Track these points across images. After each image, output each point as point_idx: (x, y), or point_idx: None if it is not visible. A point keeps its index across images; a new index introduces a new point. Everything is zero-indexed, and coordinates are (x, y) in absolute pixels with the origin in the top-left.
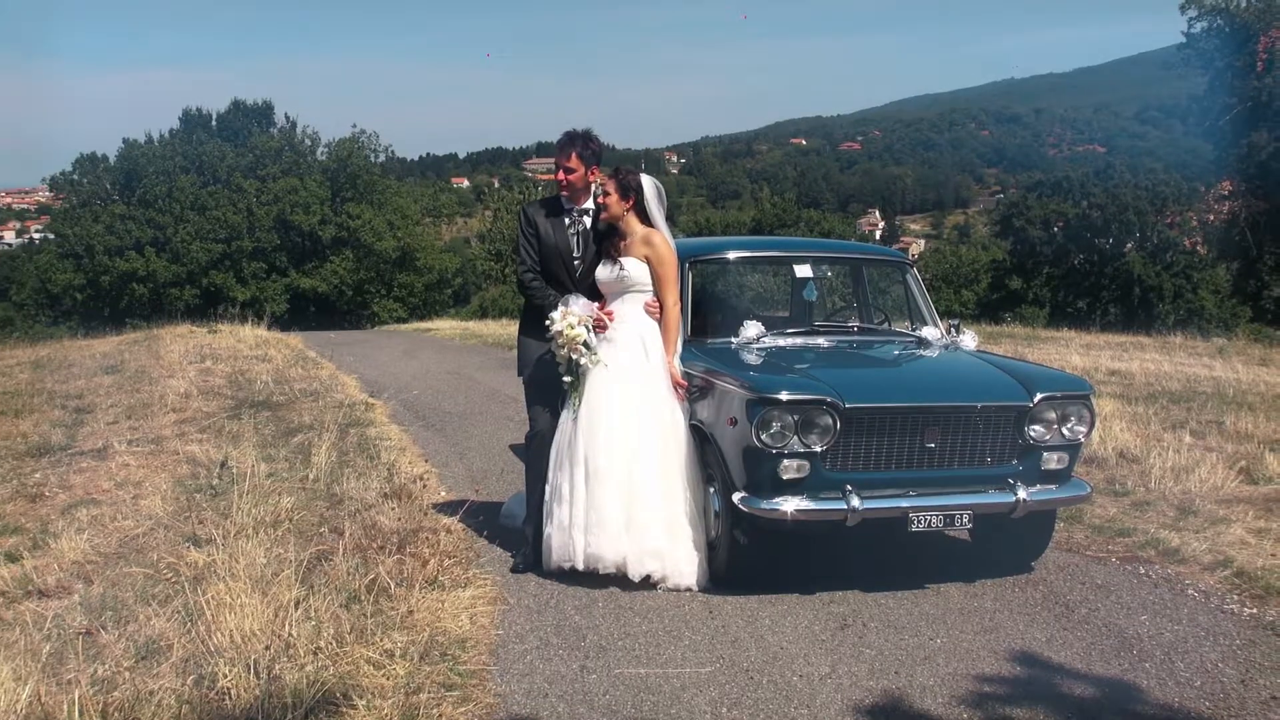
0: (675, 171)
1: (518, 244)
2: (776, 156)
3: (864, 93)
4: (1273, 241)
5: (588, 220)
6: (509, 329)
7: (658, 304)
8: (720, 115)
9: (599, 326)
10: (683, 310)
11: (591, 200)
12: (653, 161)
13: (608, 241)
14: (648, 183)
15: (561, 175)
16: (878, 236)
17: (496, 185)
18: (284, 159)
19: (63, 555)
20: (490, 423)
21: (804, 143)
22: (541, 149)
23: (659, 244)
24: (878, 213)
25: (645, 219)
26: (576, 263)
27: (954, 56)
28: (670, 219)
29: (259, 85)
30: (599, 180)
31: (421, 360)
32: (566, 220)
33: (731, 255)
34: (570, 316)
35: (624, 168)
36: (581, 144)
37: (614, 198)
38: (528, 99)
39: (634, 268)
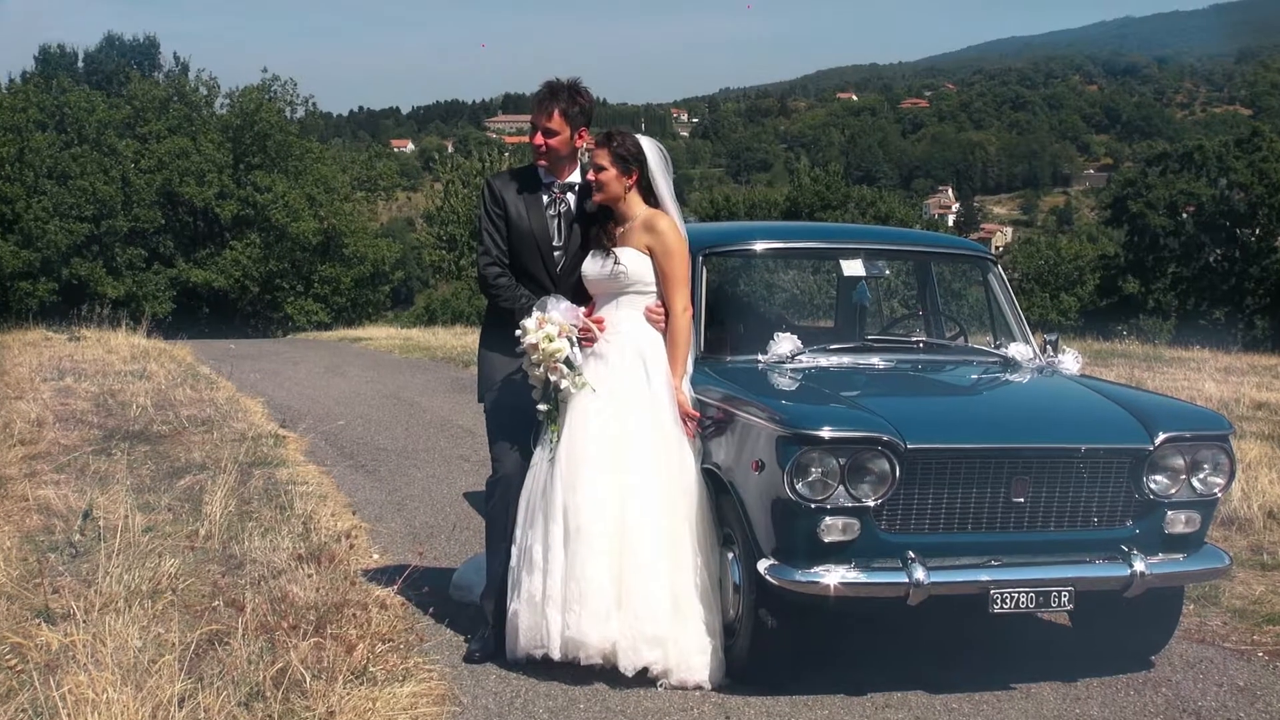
0: (685, 134)
1: (479, 228)
2: (818, 116)
3: (933, 35)
4: None
5: (572, 198)
6: (466, 340)
7: (662, 309)
8: (745, 61)
9: (586, 338)
10: (695, 318)
11: (579, 172)
12: (655, 121)
13: (598, 226)
14: (650, 148)
15: (540, 139)
16: (950, 223)
17: (450, 150)
18: (172, 113)
19: None
20: (439, 463)
21: (854, 98)
22: (510, 103)
23: (666, 231)
24: (950, 191)
25: (650, 197)
26: (557, 254)
27: None
28: (679, 197)
29: (140, 15)
30: (587, 146)
31: (350, 380)
32: (545, 198)
33: (759, 246)
34: (548, 325)
35: (617, 131)
36: (566, 98)
37: (611, 174)
38: (492, 36)
39: (633, 261)
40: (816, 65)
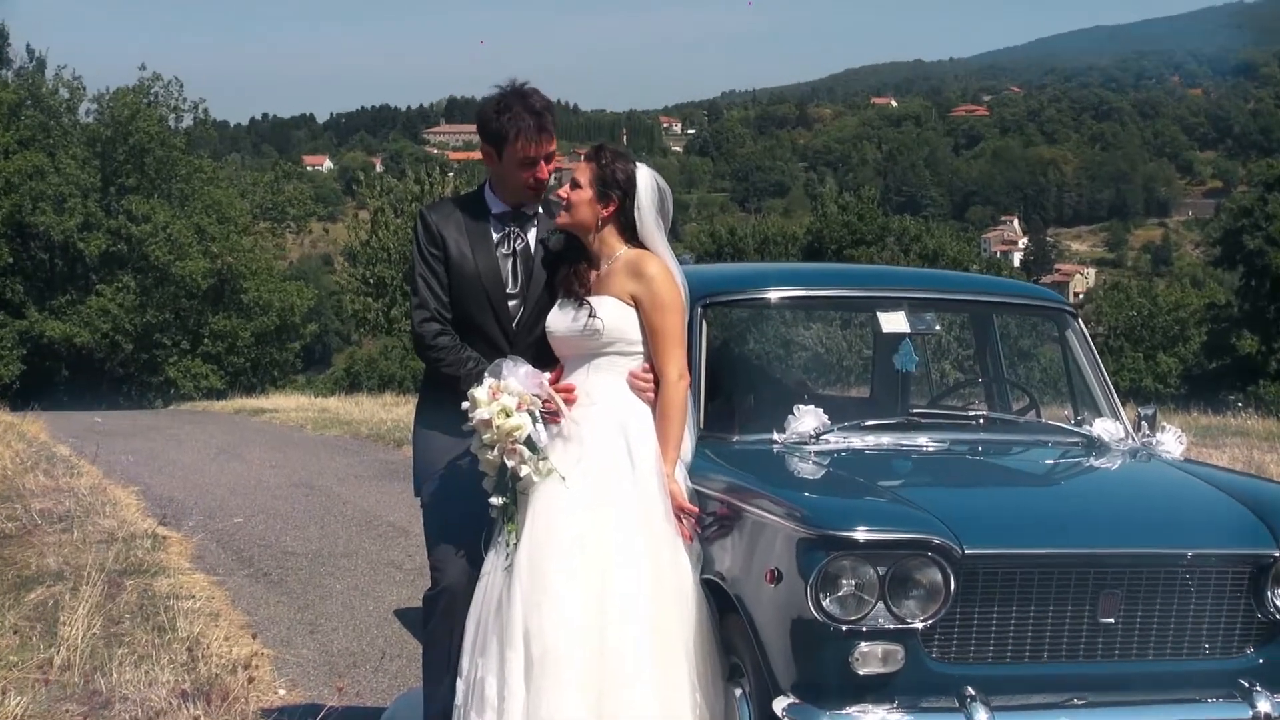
0: (679, 149)
1: (413, 271)
2: (847, 126)
3: (993, 25)
4: None
5: (533, 234)
6: (399, 413)
7: (651, 375)
8: (754, 57)
9: (552, 413)
10: (693, 386)
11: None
12: (640, 133)
13: (568, 268)
14: (645, 181)
15: (545, 172)
16: (1017, 263)
17: (379, 169)
18: (24, 121)
19: None
20: (364, 572)
21: (893, 104)
22: (455, 109)
23: (656, 276)
24: (1016, 223)
25: (632, 236)
26: (514, 304)
27: None
28: (673, 233)
29: None
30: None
31: (249, 464)
32: (496, 233)
33: (774, 295)
34: (504, 396)
35: (612, 150)
36: (551, 116)
37: (585, 195)
38: (444, 29)
39: (612, 313)
40: (845, 62)
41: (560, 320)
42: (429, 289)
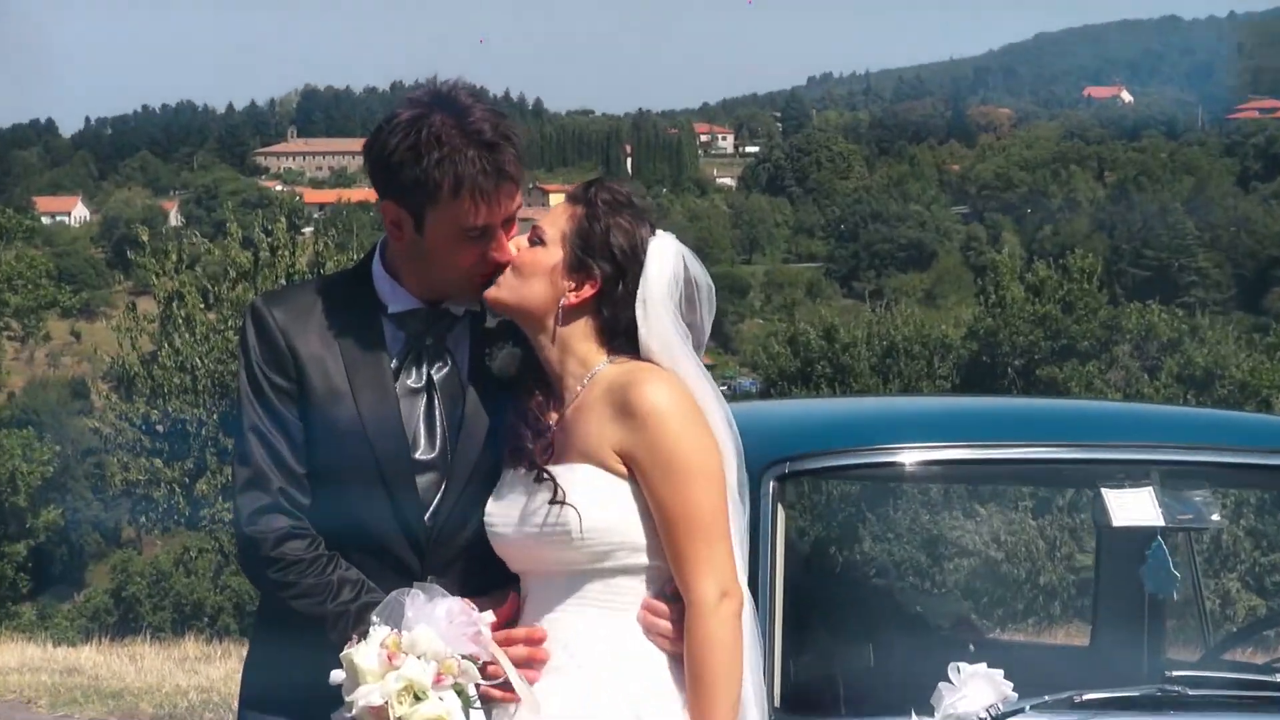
0: (728, 182)
1: (239, 418)
2: (1043, 138)
3: None
4: None
5: (463, 350)
6: (214, 675)
7: (677, 605)
8: (862, 12)
9: (498, 686)
10: (761, 619)
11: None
12: (659, 150)
13: (522, 403)
14: (664, 256)
15: (480, 256)
16: None
17: (175, 220)
18: None
19: None
20: None
21: (1125, 96)
22: (313, 111)
23: (660, 409)
24: None
25: (621, 342)
26: (428, 480)
27: None
28: (717, 336)
29: None
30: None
31: None
32: (397, 349)
33: (909, 456)
34: (410, 660)
35: (612, 190)
36: (507, 143)
37: (548, 256)
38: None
39: (590, 493)
40: (1035, 24)
41: (505, 512)
42: (268, 453)
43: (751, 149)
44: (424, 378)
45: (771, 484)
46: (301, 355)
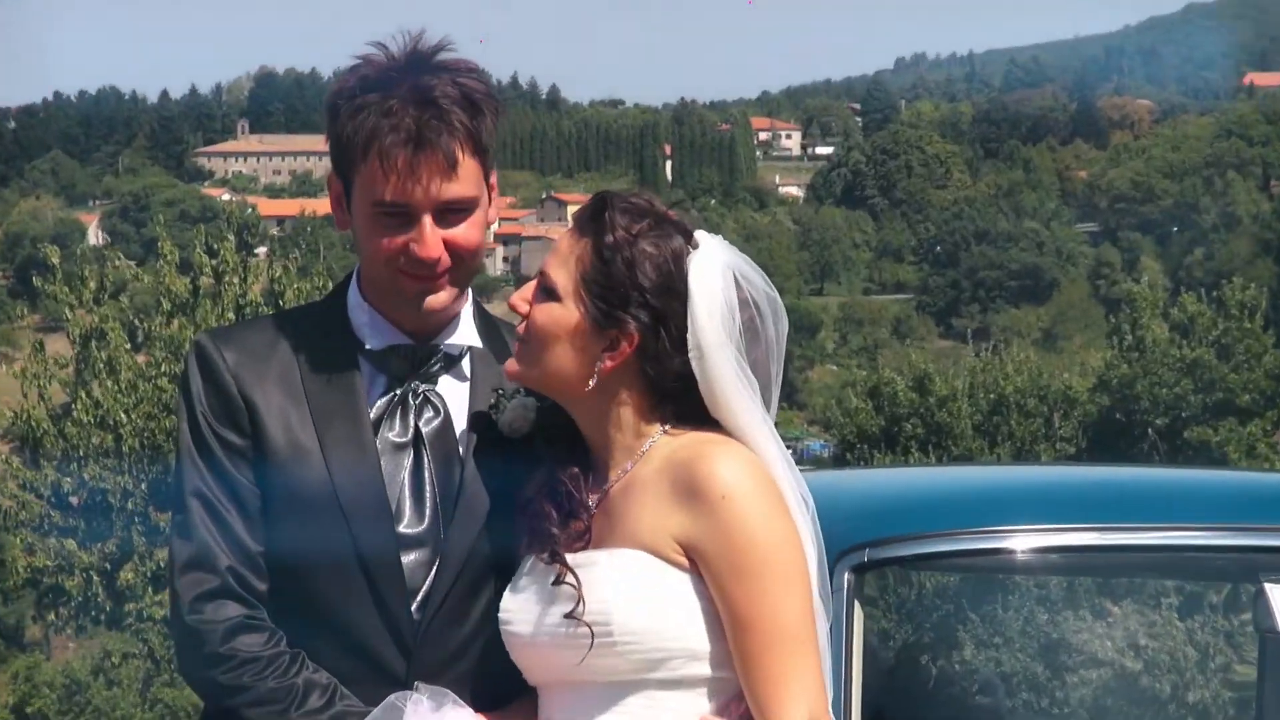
0: (794, 191)
1: (179, 481)
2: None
3: None
4: None
5: (462, 397)
6: None
7: None
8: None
9: None
10: None
11: (469, 311)
12: (704, 149)
13: (543, 482)
14: (710, 273)
15: (399, 246)
16: None
17: (95, 239)
18: None
19: None
20: None
21: None
22: (268, 99)
23: (735, 491)
24: None
25: (675, 404)
26: (415, 560)
27: None
28: (786, 390)
29: None
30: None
31: None
32: (376, 396)
33: (1021, 543)
34: None
35: (625, 203)
36: (481, 101)
37: (565, 314)
38: None
39: (633, 589)
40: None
41: (525, 607)
42: (216, 525)
43: (823, 150)
44: (411, 431)
45: (847, 576)
46: (258, 405)
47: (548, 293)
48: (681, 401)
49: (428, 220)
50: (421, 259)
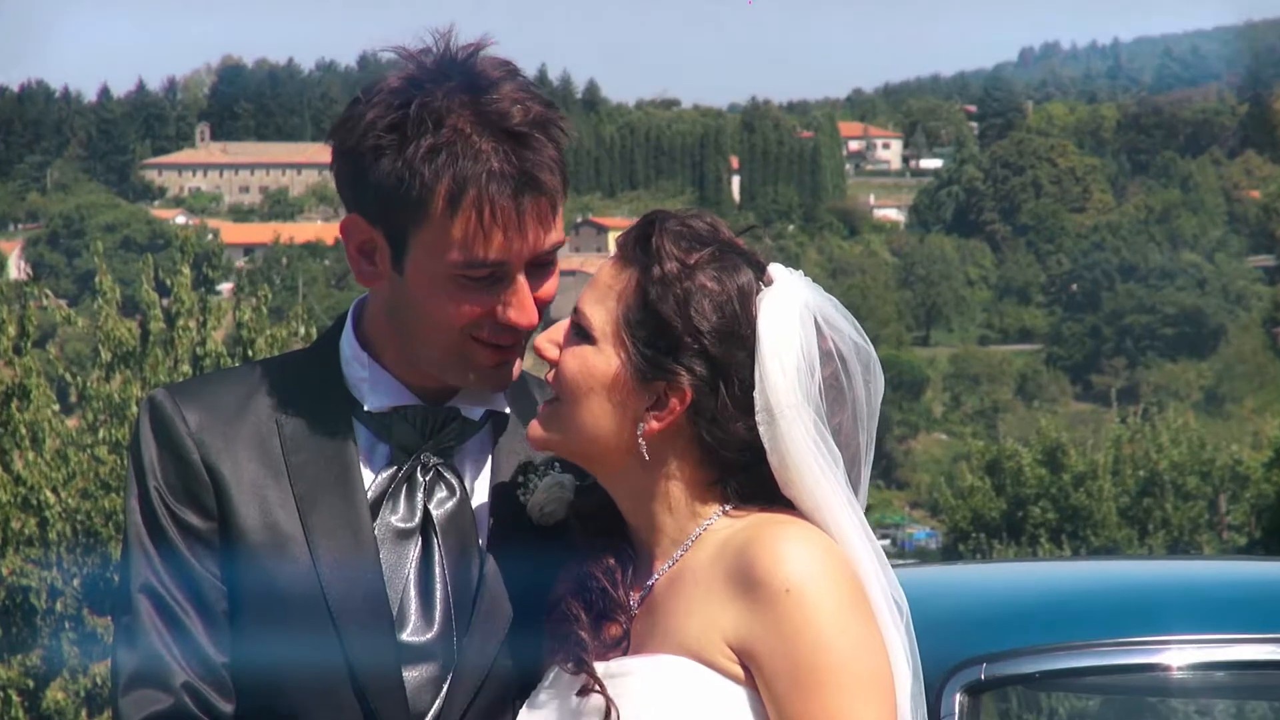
0: (895, 214)
1: (129, 571)
2: None
3: None
4: None
5: (484, 473)
6: None
7: None
8: None
9: None
10: None
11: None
12: (782, 160)
13: (585, 568)
14: (783, 313)
15: (494, 314)
16: None
17: (18, 272)
18: None
19: None
20: None
21: None
22: (222, 106)
23: (801, 588)
24: None
25: (738, 481)
26: (420, 675)
27: None
28: (879, 462)
29: None
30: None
31: None
32: (376, 472)
33: (1176, 659)
34: None
35: (679, 224)
36: (559, 131)
37: (603, 362)
38: None
39: (686, 694)
40: None
41: None
42: (170, 629)
43: (929, 163)
44: (419, 514)
45: (959, 698)
46: (226, 478)
47: (582, 335)
48: (746, 476)
49: (522, 279)
50: (514, 325)
